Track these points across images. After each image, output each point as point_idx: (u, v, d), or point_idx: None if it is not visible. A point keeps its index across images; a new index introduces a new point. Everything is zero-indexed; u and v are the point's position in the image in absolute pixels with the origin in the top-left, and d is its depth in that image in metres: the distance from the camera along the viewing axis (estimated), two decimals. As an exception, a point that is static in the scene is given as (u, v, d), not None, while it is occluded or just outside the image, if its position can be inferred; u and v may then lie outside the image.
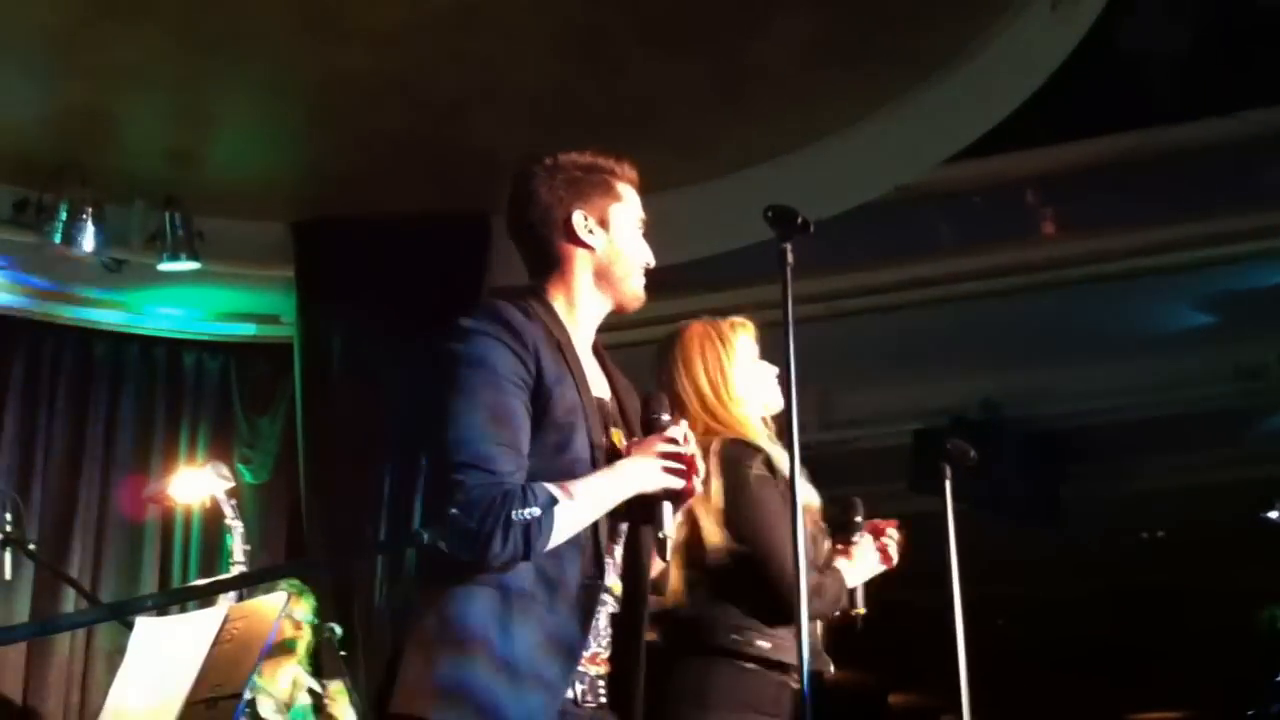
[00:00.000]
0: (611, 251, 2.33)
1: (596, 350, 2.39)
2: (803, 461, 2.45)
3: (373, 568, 5.52)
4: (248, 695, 4.64)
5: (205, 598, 4.23)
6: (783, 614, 2.68)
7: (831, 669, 2.95)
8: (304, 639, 4.76)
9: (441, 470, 2.13)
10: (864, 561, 2.98)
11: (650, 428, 2.27)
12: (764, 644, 2.79)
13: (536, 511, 2.06)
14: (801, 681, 2.35)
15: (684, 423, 2.28)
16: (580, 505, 2.13)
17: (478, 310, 2.22)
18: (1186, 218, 5.33)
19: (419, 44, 4.61)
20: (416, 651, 2.15)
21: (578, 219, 2.32)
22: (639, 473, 2.20)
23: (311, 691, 4.72)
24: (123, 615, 4.06)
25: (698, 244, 5.72)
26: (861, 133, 5.33)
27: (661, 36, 4.62)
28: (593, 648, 2.21)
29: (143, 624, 3.93)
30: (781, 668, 2.80)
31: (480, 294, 2.50)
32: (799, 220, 2.39)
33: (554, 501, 2.08)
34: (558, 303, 2.32)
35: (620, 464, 2.21)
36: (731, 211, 5.33)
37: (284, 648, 4.69)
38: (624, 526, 2.29)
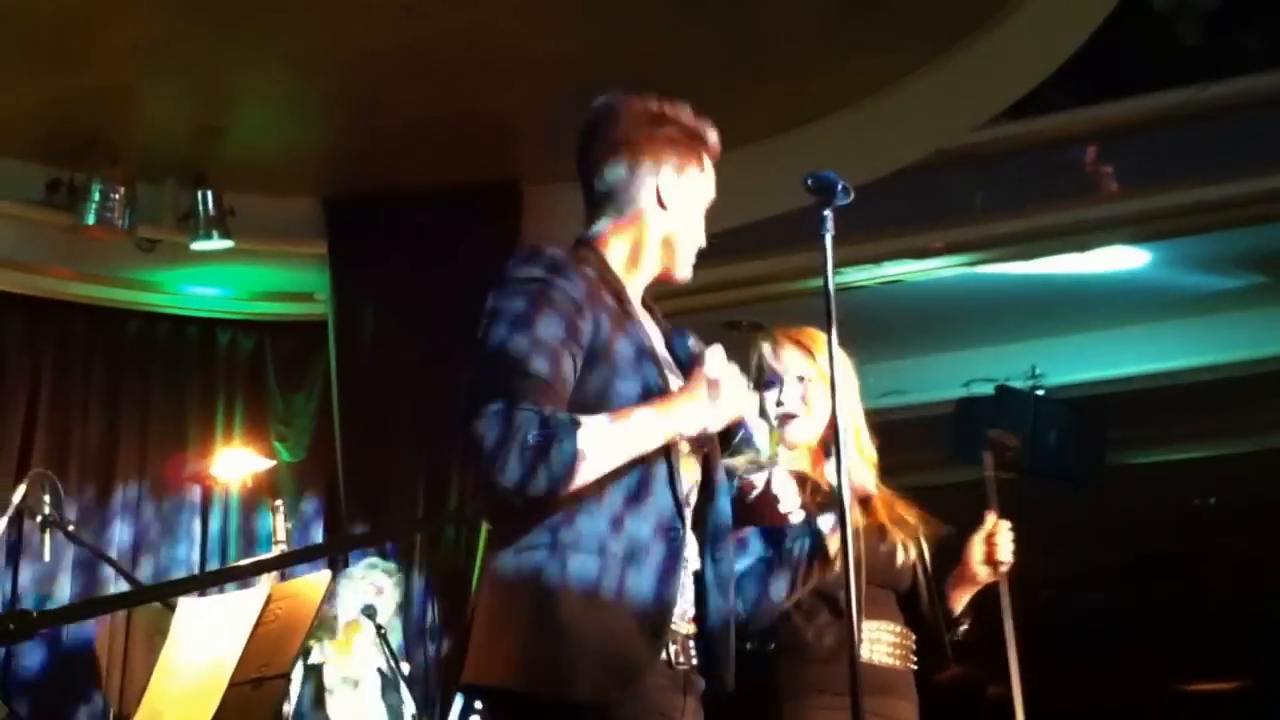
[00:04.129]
0: (683, 222, 2.24)
1: (646, 304, 2.28)
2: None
3: (412, 543, 5.50)
4: (315, 659, 4.62)
5: (249, 577, 4.21)
6: None
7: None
8: (386, 610, 4.73)
9: (467, 405, 2.00)
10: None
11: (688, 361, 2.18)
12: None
13: (555, 433, 1.93)
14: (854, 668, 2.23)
15: (718, 347, 2.15)
16: (614, 430, 2.00)
17: (525, 254, 2.12)
18: (1236, 174, 5.21)
19: (442, 15, 4.56)
20: (486, 617, 2.06)
21: (667, 177, 2.21)
22: (687, 410, 2.08)
23: (381, 672, 4.70)
24: (165, 596, 4.05)
25: (732, 211, 5.63)
26: (899, 95, 5.23)
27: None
28: (681, 604, 2.11)
29: (185, 605, 3.92)
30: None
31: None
32: (840, 188, 2.31)
33: (576, 425, 1.95)
34: (614, 253, 2.22)
35: (670, 400, 2.08)
36: (766, 178, 5.25)
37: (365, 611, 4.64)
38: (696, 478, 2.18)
